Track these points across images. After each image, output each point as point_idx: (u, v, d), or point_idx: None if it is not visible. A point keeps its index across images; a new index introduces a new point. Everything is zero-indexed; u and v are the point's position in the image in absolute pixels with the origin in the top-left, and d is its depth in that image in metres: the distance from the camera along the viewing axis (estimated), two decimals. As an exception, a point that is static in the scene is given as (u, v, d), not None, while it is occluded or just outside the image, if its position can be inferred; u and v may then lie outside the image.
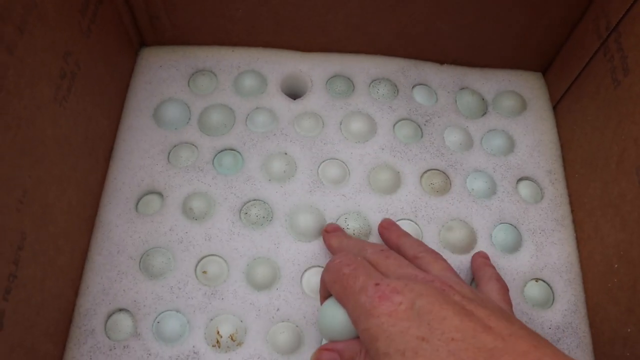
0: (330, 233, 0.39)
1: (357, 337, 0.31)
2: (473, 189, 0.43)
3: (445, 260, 0.33)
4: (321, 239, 0.40)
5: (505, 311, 0.28)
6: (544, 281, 0.41)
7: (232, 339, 0.37)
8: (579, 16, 0.43)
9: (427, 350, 0.24)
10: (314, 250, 0.40)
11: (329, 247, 0.39)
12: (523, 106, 0.48)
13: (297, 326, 0.38)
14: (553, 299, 0.40)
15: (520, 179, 0.44)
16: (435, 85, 0.48)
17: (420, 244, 0.35)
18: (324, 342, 0.34)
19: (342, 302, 0.30)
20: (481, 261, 0.38)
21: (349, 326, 0.30)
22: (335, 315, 0.30)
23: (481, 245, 0.41)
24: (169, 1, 0.43)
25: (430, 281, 0.28)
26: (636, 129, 0.36)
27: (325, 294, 0.33)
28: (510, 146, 0.46)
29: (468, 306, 0.26)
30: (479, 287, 0.35)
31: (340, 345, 0.31)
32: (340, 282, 0.30)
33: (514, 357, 0.23)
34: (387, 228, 0.39)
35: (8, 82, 0.28)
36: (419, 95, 0.47)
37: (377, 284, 0.28)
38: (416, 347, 0.25)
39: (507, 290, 0.34)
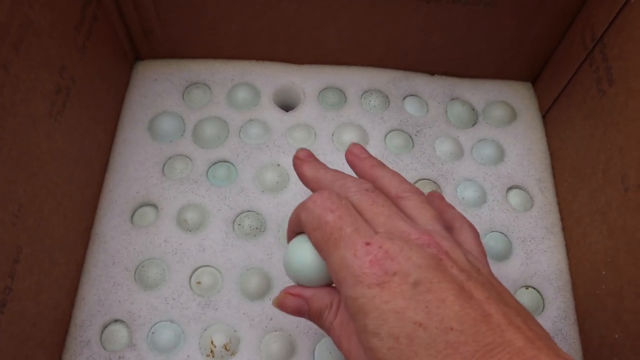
0: (302, 160, 0.32)
1: (329, 285, 0.28)
2: (464, 198, 0.44)
3: (431, 205, 0.29)
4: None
5: (496, 284, 0.26)
6: (534, 288, 0.41)
7: (225, 348, 0.37)
8: (566, 27, 0.44)
9: (424, 338, 0.23)
10: (307, 260, 0.40)
11: (302, 177, 0.32)
12: (513, 116, 0.48)
13: (290, 335, 0.38)
14: (543, 306, 0.41)
15: (510, 188, 0.45)
16: (426, 96, 0.48)
17: (401, 179, 0.30)
18: (291, 284, 0.30)
19: (322, 253, 0.26)
20: (439, 203, 0.34)
21: (321, 272, 0.27)
22: (306, 257, 0.27)
23: (471, 254, 0.42)
24: (164, 15, 0.44)
25: (426, 244, 0.25)
26: (621, 138, 0.37)
27: (296, 230, 0.29)
28: (500, 155, 0.46)
29: (467, 284, 0.24)
30: (452, 234, 0.30)
31: (309, 292, 0.28)
32: (321, 230, 0.26)
33: (510, 356, 0.22)
34: (358, 156, 0.32)
35: (3, 98, 0.29)
36: (410, 106, 0.48)
37: (367, 244, 0.25)
38: (412, 333, 0.23)
39: (479, 235, 0.31)
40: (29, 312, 0.32)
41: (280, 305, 0.29)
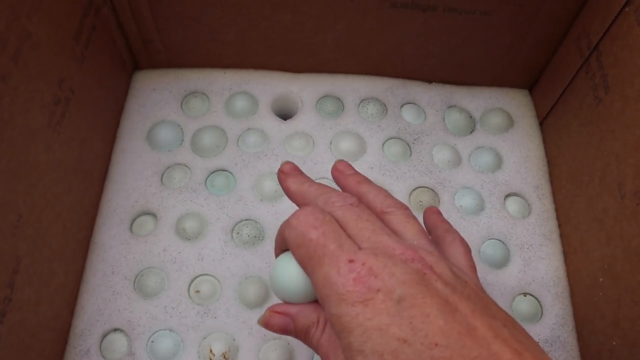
0: (286, 174, 0.32)
1: (315, 302, 0.28)
2: (461, 206, 0.44)
3: (416, 220, 0.29)
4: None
5: (484, 297, 0.26)
6: (532, 295, 0.41)
7: (224, 357, 0.37)
8: (562, 35, 0.44)
9: (409, 355, 0.22)
10: (305, 269, 0.40)
11: (286, 190, 0.32)
12: (510, 123, 0.49)
13: (288, 344, 0.38)
14: (541, 313, 0.41)
15: (508, 195, 0.45)
16: (423, 104, 0.49)
17: (386, 194, 0.30)
18: (277, 301, 0.30)
19: (307, 270, 0.26)
20: (435, 218, 0.34)
21: (307, 289, 0.27)
22: (292, 274, 0.27)
23: (469, 261, 0.42)
24: (162, 25, 0.44)
25: (410, 260, 0.25)
26: (617, 145, 0.37)
27: (282, 247, 0.29)
28: (498, 163, 0.46)
29: (451, 297, 0.24)
30: (442, 250, 0.31)
31: (294, 310, 0.28)
32: (305, 247, 0.26)
33: None
34: (343, 172, 0.33)
35: (2, 110, 0.29)
36: (408, 114, 0.48)
37: (350, 261, 0.24)
38: (396, 350, 0.23)
39: (470, 250, 0.31)
40: (29, 322, 0.32)
41: (266, 324, 0.29)
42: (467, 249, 0.31)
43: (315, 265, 0.25)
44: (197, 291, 0.39)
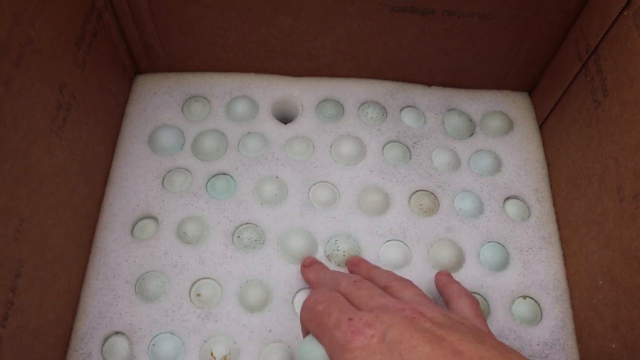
0: (307, 267, 0.40)
1: None
2: (461, 209, 0.44)
3: (416, 286, 0.34)
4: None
5: (478, 330, 0.28)
6: (531, 298, 0.42)
7: (225, 360, 0.38)
8: (561, 38, 0.45)
9: None
10: (306, 272, 0.41)
11: (307, 281, 0.39)
12: (510, 126, 0.49)
13: (289, 347, 0.38)
14: (541, 316, 0.41)
15: (508, 198, 0.45)
16: (423, 107, 0.49)
17: (390, 273, 0.36)
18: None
19: (319, 338, 0.30)
20: (445, 279, 0.39)
21: None
22: (313, 351, 0.31)
23: (469, 264, 0.42)
24: (163, 30, 0.44)
25: (401, 310, 0.29)
26: (616, 149, 0.37)
27: (307, 330, 0.34)
28: (498, 166, 0.47)
29: (438, 332, 0.27)
30: (450, 306, 0.35)
31: None
32: (315, 319, 0.31)
33: None
34: (357, 265, 0.40)
35: (5, 115, 0.29)
36: (407, 118, 0.48)
37: (350, 319, 0.29)
38: None
39: (478, 303, 0.34)
40: (31, 325, 0.33)
41: None
42: (474, 301, 0.34)
43: (324, 331, 0.30)
44: (198, 295, 0.40)
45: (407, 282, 0.34)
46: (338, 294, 0.32)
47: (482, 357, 0.25)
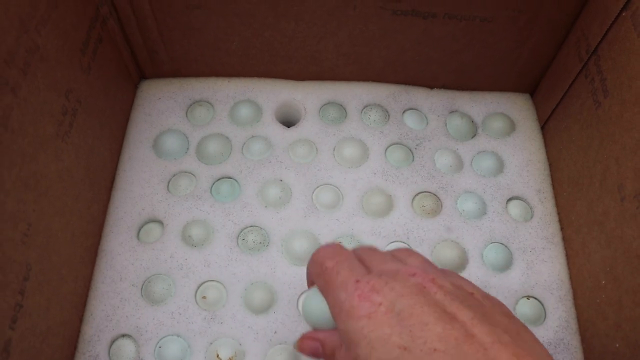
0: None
1: None
2: (464, 210, 0.44)
3: (422, 255, 0.32)
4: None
5: (487, 307, 0.27)
6: (535, 298, 0.42)
7: (231, 362, 0.38)
8: (562, 39, 0.45)
9: None
10: (310, 274, 0.41)
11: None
12: (512, 127, 0.49)
13: (293, 348, 0.39)
14: (545, 316, 0.41)
15: (510, 199, 0.46)
16: (425, 110, 0.49)
17: (400, 248, 0.34)
18: (309, 329, 0.33)
19: (325, 295, 0.29)
20: (453, 274, 0.37)
21: (331, 316, 0.30)
22: (319, 304, 0.30)
23: (472, 265, 0.42)
24: (167, 36, 0.45)
25: (412, 275, 0.27)
26: (617, 149, 0.37)
27: (312, 281, 0.33)
28: (500, 167, 0.47)
29: (450, 307, 0.26)
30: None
31: (322, 335, 0.31)
32: (322, 275, 0.29)
33: None
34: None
35: (12, 121, 0.29)
36: (410, 120, 0.48)
37: (357, 281, 0.27)
38: (398, 357, 0.24)
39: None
40: (39, 328, 0.33)
41: (300, 349, 0.32)
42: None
43: (330, 290, 0.28)
44: (204, 297, 0.40)
45: (413, 251, 0.33)
46: (349, 252, 0.30)
47: (494, 341, 0.24)
